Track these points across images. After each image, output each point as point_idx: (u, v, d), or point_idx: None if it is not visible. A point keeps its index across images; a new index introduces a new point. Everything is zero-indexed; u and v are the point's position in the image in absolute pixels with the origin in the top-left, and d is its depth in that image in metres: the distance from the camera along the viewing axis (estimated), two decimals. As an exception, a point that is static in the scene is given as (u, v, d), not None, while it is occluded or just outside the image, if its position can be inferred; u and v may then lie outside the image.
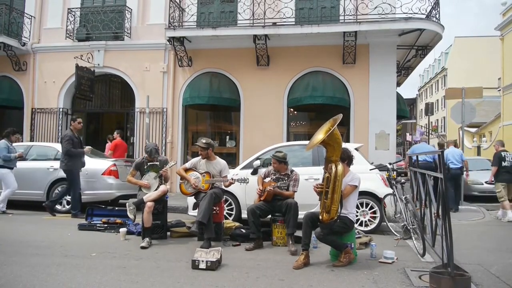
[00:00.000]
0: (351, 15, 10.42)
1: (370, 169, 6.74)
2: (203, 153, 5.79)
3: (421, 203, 5.21)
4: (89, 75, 11.79)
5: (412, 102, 51.08)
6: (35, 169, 8.51)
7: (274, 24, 10.58)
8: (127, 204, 5.74)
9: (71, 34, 12.43)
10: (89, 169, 8.17)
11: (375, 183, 6.76)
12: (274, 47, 11.10)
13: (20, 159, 8.17)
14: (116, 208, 7.10)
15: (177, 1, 11.51)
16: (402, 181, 6.22)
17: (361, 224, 6.57)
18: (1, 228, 6.56)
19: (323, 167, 4.72)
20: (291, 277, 4.10)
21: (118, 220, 6.52)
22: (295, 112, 12.26)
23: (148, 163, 5.96)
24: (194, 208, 6.69)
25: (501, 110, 22.47)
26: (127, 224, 6.34)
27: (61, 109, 12.55)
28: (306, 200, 5.90)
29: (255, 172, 6.75)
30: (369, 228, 6.54)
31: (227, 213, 6.89)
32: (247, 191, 6.72)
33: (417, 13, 10.15)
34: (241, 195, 6.95)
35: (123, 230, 5.88)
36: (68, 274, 4.04)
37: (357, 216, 6.18)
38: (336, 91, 10.93)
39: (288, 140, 11.00)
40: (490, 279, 4.15)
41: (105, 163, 8.57)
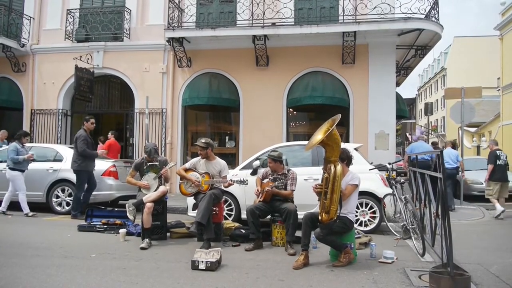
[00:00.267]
0: (350, 15, 10.42)
1: (369, 169, 6.74)
2: (203, 152, 5.80)
3: (421, 203, 5.22)
4: (88, 76, 11.79)
5: (412, 102, 51.05)
6: (34, 170, 8.49)
7: (273, 24, 10.58)
8: (126, 205, 5.74)
9: (70, 35, 12.42)
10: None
11: (374, 183, 6.76)
12: (274, 47, 11.10)
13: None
14: (116, 209, 7.09)
15: (176, 1, 11.51)
16: (402, 181, 6.22)
17: (360, 224, 6.57)
18: (1, 229, 6.55)
19: (322, 167, 4.72)
20: (291, 277, 4.10)
21: (118, 221, 6.52)
22: (294, 112, 12.26)
23: (147, 164, 5.96)
24: (193, 209, 6.69)
25: (500, 109, 22.48)
26: (126, 225, 6.34)
27: (60, 110, 12.55)
28: (305, 200, 5.90)
29: (254, 173, 6.75)
30: (368, 228, 6.55)
31: (226, 213, 6.89)
32: (246, 192, 6.71)
33: (416, 13, 10.16)
34: (240, 195, 6.95)
35: (122, 231, 5.87)
36: (68, 275, 4.04)
37: (356, 216, 6.18)
38: (335, 91, 10.94)
39: (287, 140, 11.00)
40: (489, 279, 4.15)
41: (105, 164, 8.57)
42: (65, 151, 8.82)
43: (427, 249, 4.96)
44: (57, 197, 8.31)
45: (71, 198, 8.16)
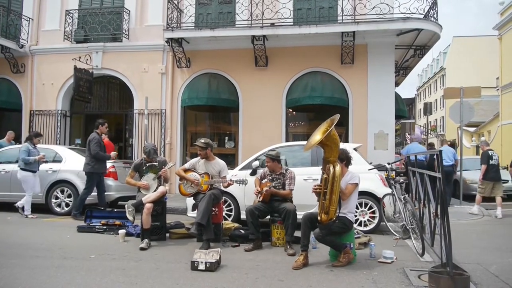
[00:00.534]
0: (349, 15, 10.43)
1: (369, 169, 6.75)
2: (202, 153, 5.80)
3: (420, 203, 5.22)
4: (87, 76, 11.77)
5: (411, 102, 51.07)
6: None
7: (272, 24, 10.58)
8: (126, 206, 5.75)
9: (69, 36, 12.41)
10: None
11: (374, 183, 6.76)
12: (272, 47, 11.11)
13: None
14: (115, 210, 7.09)
15: (175, 2, 11.51)
16: (401, 181, 6.22)
17: (360, 224, 6.57)
18: (0, 230, 6.55)
19: (321, 167, 4.72)
20: (291, 277, 4.10)
21: (117, 222, 6.51)
22: (294, 112, 12.26)
23: (146, 164, 5.96)
24: (193, 209, 6.70)
25: (499, 109, 22.52)
26: (126, 225, 6.34)
27: (59, 111, 12.53)
28: (304, 200, 5.90)
29: (254, 173, 6.74)
30: (368, 228, 6.54)
31: (226, 214, 6.89)
32: (246, 192, 6.72)
33: (415, 13, 10.16)
34: (240, 196, 6.94)
35: (122, 231, 5.87)
36: (67, 276, 4.03)
37: (356, 216, 6.18)
38: (334, 91, 10.94)
39: (287, 141, 11.01)
40: (489, 278, 4.15)
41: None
42: (64, 152, 8.81)
43: (426, 249, 4.96)
44: (57, 198, 8.29)
45: (70, 199, 8.17)
